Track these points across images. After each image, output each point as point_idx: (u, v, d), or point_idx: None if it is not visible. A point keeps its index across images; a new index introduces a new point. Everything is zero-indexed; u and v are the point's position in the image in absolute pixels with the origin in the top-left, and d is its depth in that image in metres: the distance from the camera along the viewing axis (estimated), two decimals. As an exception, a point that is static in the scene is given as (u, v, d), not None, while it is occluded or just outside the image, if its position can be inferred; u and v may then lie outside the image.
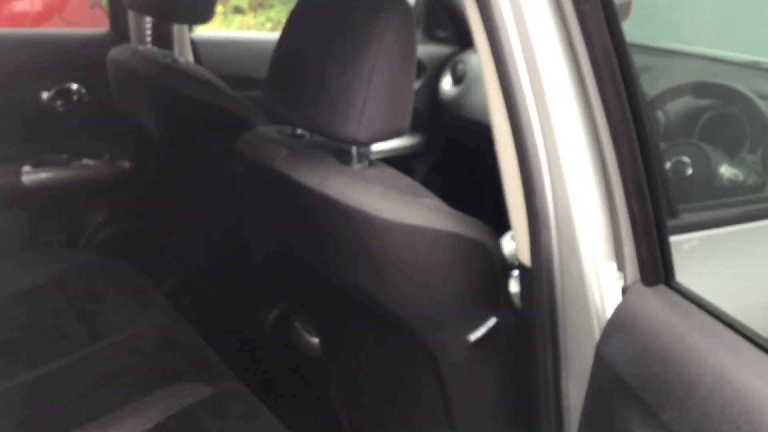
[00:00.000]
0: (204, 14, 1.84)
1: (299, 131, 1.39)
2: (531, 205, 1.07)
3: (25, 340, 1.89)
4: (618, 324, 0.96)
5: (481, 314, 1.23)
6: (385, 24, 1.16)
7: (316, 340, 1.86)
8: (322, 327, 1.71)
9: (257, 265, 1.92)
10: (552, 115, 1.02)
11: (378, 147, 2.80)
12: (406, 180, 1.24)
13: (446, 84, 2.89)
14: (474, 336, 1.23)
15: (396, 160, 2.86)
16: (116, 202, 2.46)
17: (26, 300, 2.04)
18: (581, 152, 1.01)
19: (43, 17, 4.23)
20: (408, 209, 1.16)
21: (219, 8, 6.35)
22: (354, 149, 1.24)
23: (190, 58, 2.39)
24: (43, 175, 2.28)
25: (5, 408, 1.65)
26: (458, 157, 2.98)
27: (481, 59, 1.09)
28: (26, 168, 2.25)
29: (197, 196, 2.05)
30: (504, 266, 1.26)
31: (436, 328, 1.25)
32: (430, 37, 2.95)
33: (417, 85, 2.88)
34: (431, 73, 2.91)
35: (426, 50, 2.89)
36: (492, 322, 1.24)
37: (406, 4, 1.21)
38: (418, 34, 2.97)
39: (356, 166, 1.24)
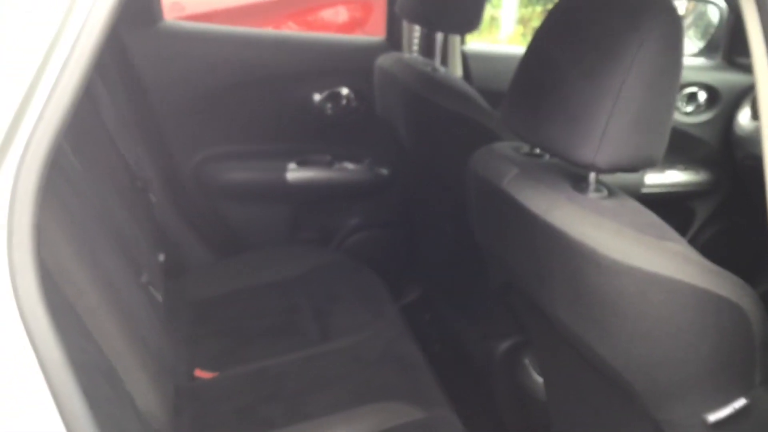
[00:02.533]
0: (469, 24, 1.78)
1: (537, 150, 1.25)
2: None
3: (264, 330, 1.96)
4: None
5: (726, 391, 1.00)
6: (646, 32, 0.98)
7: (542, 381, 1.70)
8: (546, 369, 1.55)
9: (492, 290, 1.81)
10: None
11: (653, 180, 2.54)
12: (650, 218, 1.05)
13: (744, 117, 2.53)
14: (714, 416, 1.01)
15: (673, 198, 2.57)
16: (371, 208, 2.49)
17: (274, 292, 2.13)
18: None
19: (346, 28, 4.49)
20: (644, 252, 0.97)
21: (519, 29, 6.31)
22: (592, 176, 1.08)
23: (459, 70, 2.34)
24: (307, 173, 2.37)
25: (229, 393, 1.71)
26: (749, 201, 2.60)
27: (757, 78, 0.88)
28: (291, 165, 2.36)
29: (441, 210, 1.99)
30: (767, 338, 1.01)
31: (667, 399, 1.04)
32: (731, 63, 2.61)
33: (708, 116, 2.57)
34: (727, 104, 2.57)
35: (723, 78, 2.56)
36: (740, 403, 1.00)
37: (675, 12, 1.02)
38: (718, 59, 2.65)
39: (592, 195, 1.08)
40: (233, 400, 1.68)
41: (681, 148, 2.56)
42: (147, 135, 2.25)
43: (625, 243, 0.98)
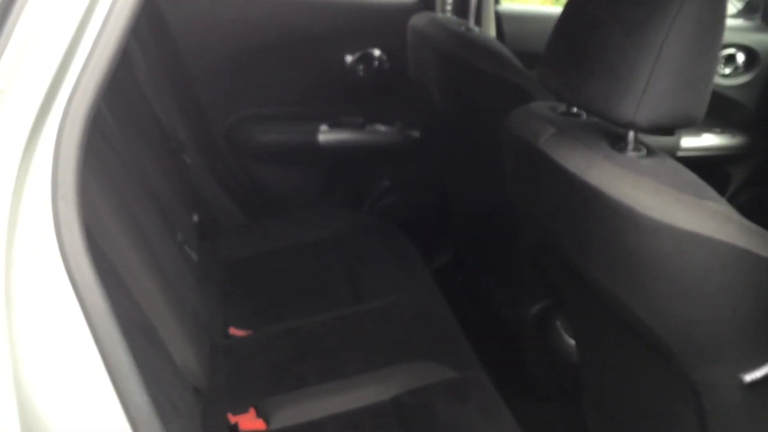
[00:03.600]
0: None
1: (575, 110, 1.23)
2: None
3: (297, 290, 1.99)
4: None
5: (763, 352, 1.00)
6: None
7: (574, 343, 1.70)
8: (579, 331, 1.55)
9: (524, 253, 1.81)
10: None
11: (689, 144, 2.50)
12: (689, 176, 1.04)
13: (784, 80, 2.48)
14: (751, 376, 1.00)
15: (709, 161, 2.54)
16: (403, 171, 2.49)
17: (305, 252, 2.14)
18: None
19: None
20: (684, 210, 0.96)
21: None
22: (631, 134, 1.06)
23: (492, 30, 2.31)
24: (338, 135, 2.37)
25: (265, 350, 1.74)
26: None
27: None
28: (323, 127, 2.36)
29: (473, 172, 1.98)
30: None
31: (704, 359, 1.03)
32: (772, 24, 2.55)
33: (746, 78, 2.51)
34: (766, 66, 2.51)
35: (762, 39, 2.50)
36: (778, 364, 0.99)
37: None
38: (757, 20, 2.59)
39: (630, 154, 1.06)
40: (267, 357, 1.71)
41: (718, 111, 2.51)
42: (180, 97, 2.26)
43: (664, 202, 0.97)
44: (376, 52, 2.33)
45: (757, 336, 0.99)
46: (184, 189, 2.10)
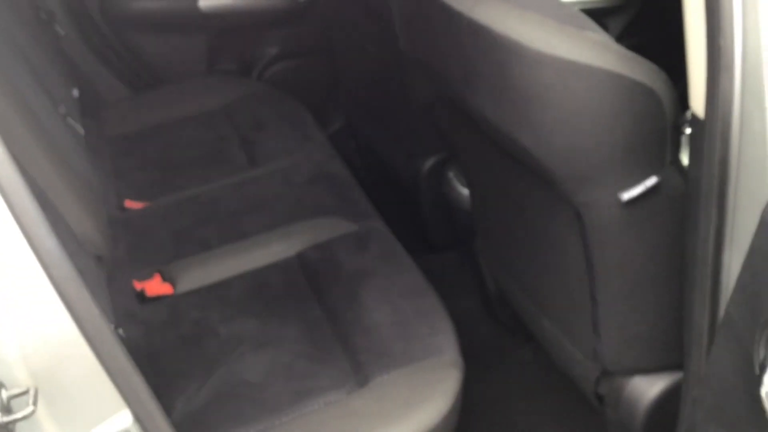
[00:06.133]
0: None
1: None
2: (713, 42, 0.88)
3: (191, 160, 1.96)
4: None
5: (639, 171, 1.08)
6: None
7: (467, 192, 1.78)
8: (472, 177, 1.62)
9: (416, 110, 1.84)
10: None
11: (567, -1, 2.56)
12: (570, 10, 1.08)
13: (656, -69, 2.54)
14: (628, 195, 1.08)
15: (587, 14, 2.60)
16: (290, 36, 2.43)
17: (197, 123, 2.11)
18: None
19: None
20: (566, 41, 1.01)
21: None
22: None
23: None
24: (220, 1, 2.28)
25: (164, 219, 1.73)
26: (662, 14, 2.66)
27: None
28: (204, -7, 2.26)
29: (363, 31, 1.97)
30: (678, 120, 1.08)
31: (585, 182, 1.11)
32: None
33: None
34: None
35: None
36: (652, 181, 1.08)
37: None
38: None
39: (516, -10, 1.09)
40: (167, 225, 1.71)
41: (596, -36, 2.57)
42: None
43: (548, 33, 1.01)
44: None
45: (633, 157, 1.07)
46: (61, 62, 1.99)
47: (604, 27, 2.87)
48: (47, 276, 0.79)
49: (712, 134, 0.91)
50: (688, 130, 1.07)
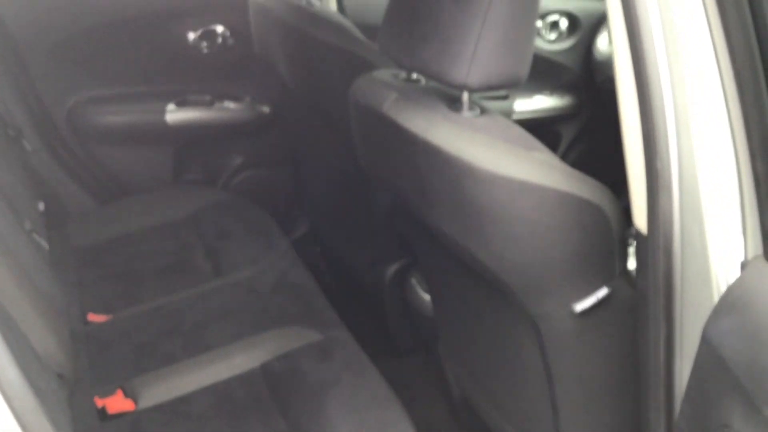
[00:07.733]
0: None
1: (415, 76, 1.32)
2: (651, 165, 0.94)
3: (155, 271, 1.97)
4: (730, 302, 0.83)
5: (590, 283, 1.12)
6: None
7: (429, 298, 1.81)
8: (432, 284, 1.66)
9: (378, 217, 1.89)
10: (683, 62, 0.89)
11: (522, 107, 2.67)
12: (518, 131, 1.14)
13: (602, 43, 2.69)
14: (581, 306, 1.13)
15: (542, 122, 2.72)
16: (255, 147, 2.50)
17: (163, 234, 2.13)
18: (711, 104, 0.88)
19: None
20: (514, 162, 1.07)
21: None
22: (465, 95, 1.15)
23: (333, 4, 2.36)
24: (187, 114, 2.35)
25: (127, 332, 1.72)
26: (610, 122, 2.78)
27: (607, 6, 0.97)
28: (170, 106, 2.33)
29: (325, 144, 2.04)
30: (624, 233, 1.13)
31: (539, 294, 1.15)
32: (590, -9, 2.76)
33: (570, 42, 2.71)
34: (587, 30, 2.72)
35: (582, 5, 2.70)
36: (603, 292, 1.12)
37: None
38: (577, -12, 2.78)
39: (466, 114, 1.16)
40: (130, 338, 1.70)
41: (547, 74, 2.70)
42: (16, 83, 2.17)
43: (497, 154, 1.07)
44: (219, 29, 2.32)
45: (584, 270, 1.12)
46: (27, 177, 2.02)
47: (558, 134, 3.02)
48: (8, 408, 0.79)
49: (655, 249, 0.96)
50: (634, 244, 1.12)
